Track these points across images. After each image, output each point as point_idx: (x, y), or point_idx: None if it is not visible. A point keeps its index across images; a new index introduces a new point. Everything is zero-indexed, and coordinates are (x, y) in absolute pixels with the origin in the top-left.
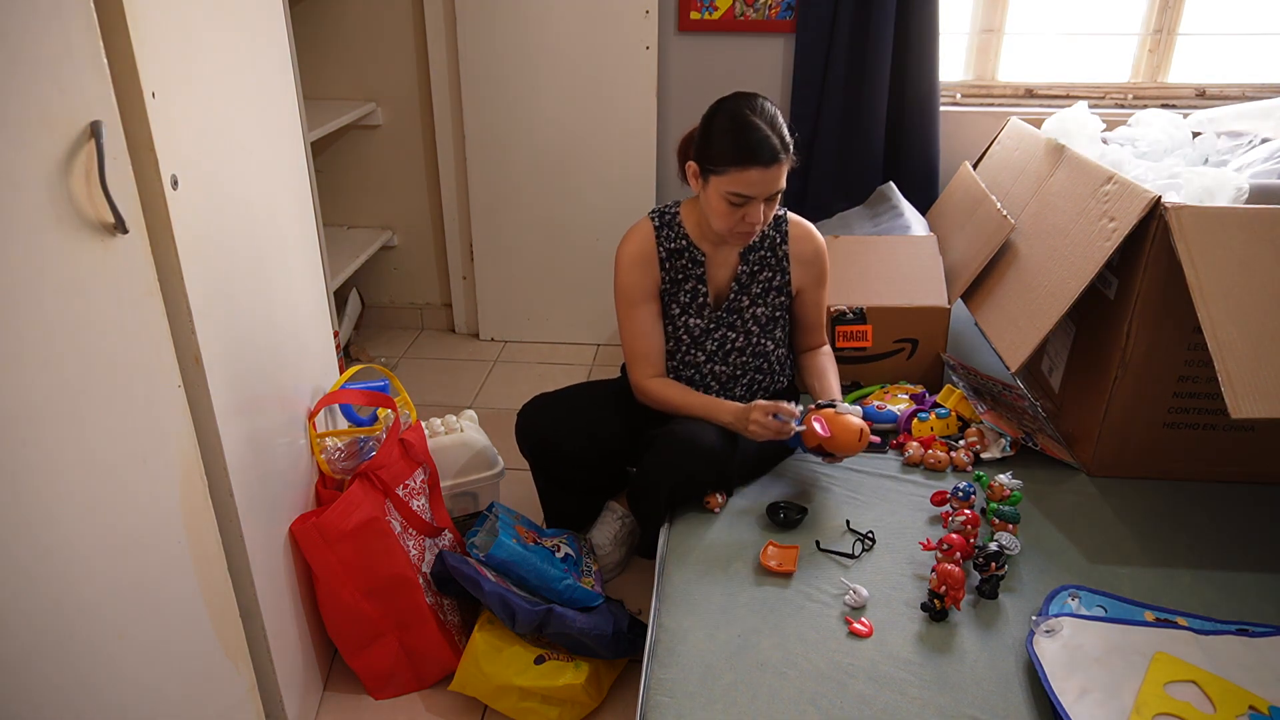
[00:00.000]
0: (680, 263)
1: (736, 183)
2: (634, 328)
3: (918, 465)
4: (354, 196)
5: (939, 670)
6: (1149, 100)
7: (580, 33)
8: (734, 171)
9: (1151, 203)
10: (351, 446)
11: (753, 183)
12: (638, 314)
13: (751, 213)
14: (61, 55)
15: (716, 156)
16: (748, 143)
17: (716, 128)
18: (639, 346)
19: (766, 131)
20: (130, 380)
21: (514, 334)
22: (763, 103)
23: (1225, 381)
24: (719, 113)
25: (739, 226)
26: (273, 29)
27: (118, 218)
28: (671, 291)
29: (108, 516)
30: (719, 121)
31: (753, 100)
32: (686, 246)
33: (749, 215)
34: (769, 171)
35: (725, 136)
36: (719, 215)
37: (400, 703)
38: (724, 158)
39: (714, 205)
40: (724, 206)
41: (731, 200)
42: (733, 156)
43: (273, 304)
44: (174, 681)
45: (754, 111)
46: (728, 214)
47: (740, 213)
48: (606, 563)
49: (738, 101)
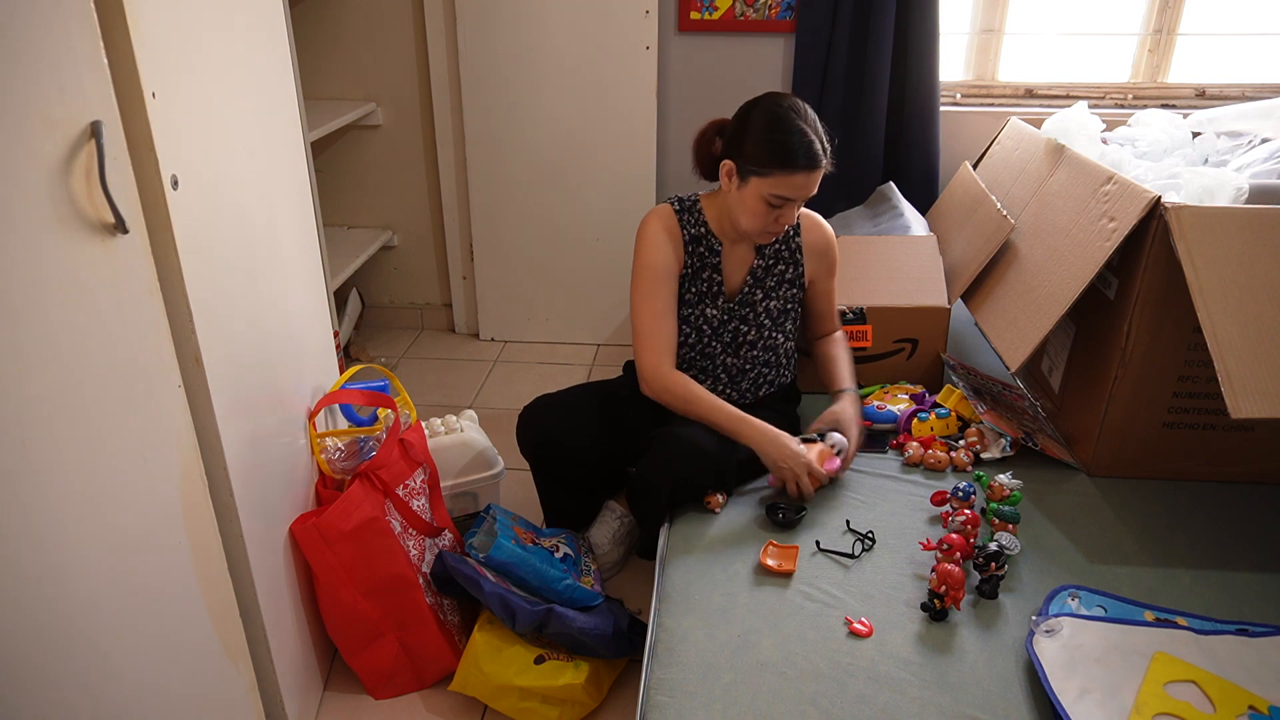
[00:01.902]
0: (700, 250)
1: (781, 185)
2: (654, 307)
3: (918, 465)
4: (354, 196)
5: (939, 670)
6: (1149, 100)
7: (580, 33)
8: (780, 174)
9: (1151, 203)
10: (351, 446)
11: (798, 186)
12: (660, 292)
13: (787, 214)
14: (61, 55)
15: (762, 158)
16: (795, 146)
17: (759, 128)
18: (657, 328)
19: (812, 136)
20: (130, 380)
21: (514, 334)
22: (804, 106)
23: (1225, 381)
24: (760, 112)
25: (770, 227)
26: (273, 29)
27: (118, 218)
28: (690, 277)
29: (108, 516)
30: (762, 122)
31: (794, 103)
32: (705, 234)
33: (783, 217)
34: (814, 175)
35: (771, 139)
36: (754, 215)
37: (400, 703)
38: (770, 160)
39: (750, 205)
40: (762, 207)
41: (771, 202)
42: (780, 159)
43: (273, 304)
44: (174, 681)
45: (798, 114)
46: (764, 214)
47: (776, 214)
48: (605, 562)
49: (779, 102)
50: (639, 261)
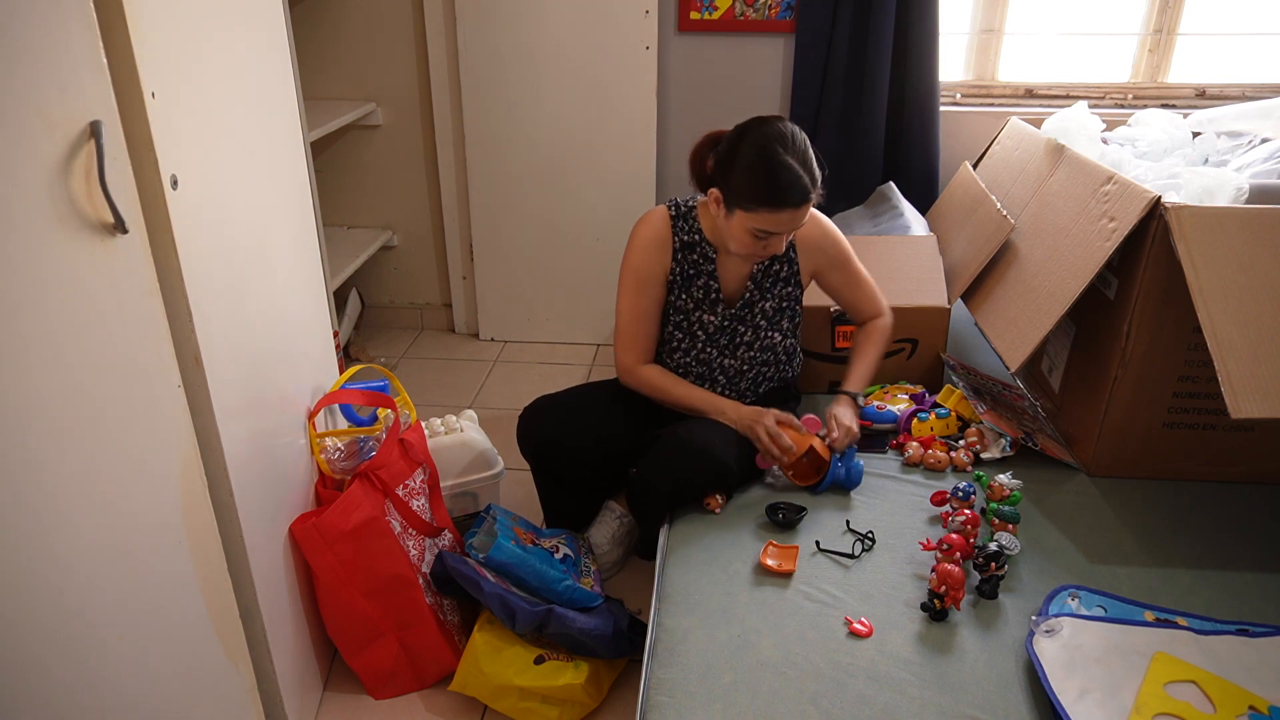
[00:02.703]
0: (693, 257)
1: (766, 221)
2: (635, 309)
3: (918, 465)
4: (354, 196)
5: (939, 670)
6: (1149, 100)
7: (580, 33)
8: (764, 212)
9: (1151, 203)
10: (351, 446)
11: (783, 223)
12: (642, 296)
13: (774, 244)
14: (61, 55)
15: (746, 194)
16: (779, 185)
17: (745, 163)
18: (636, 329)
19: (799, 172)
20: (130, 380)
21: (514, 334)
22: (794, 134)
23: (1225, 381)
24: (748, 145)
25: (758, 253)
26: (273, 29)
27: (118, 218)
28: (683, 284)
29: (108, 516)
30: (750, 156)
31: (784, 133)
32: (699, 242)
33: (771, 246)
34: (800, 211)
35: (756, 175)
36: (740, 244)
37: (400, 703)
38: (754, 198)
39: (736, 234)
40: (748, 239)
41: (756, 235)
42: (764, 198)
43: (273, 304)
44: (174, 681)
45: (785, 149)
46: (750, 245)
47: (763, 244)
48: (604, 562)
49: (768, 136)
50: (624, 265)
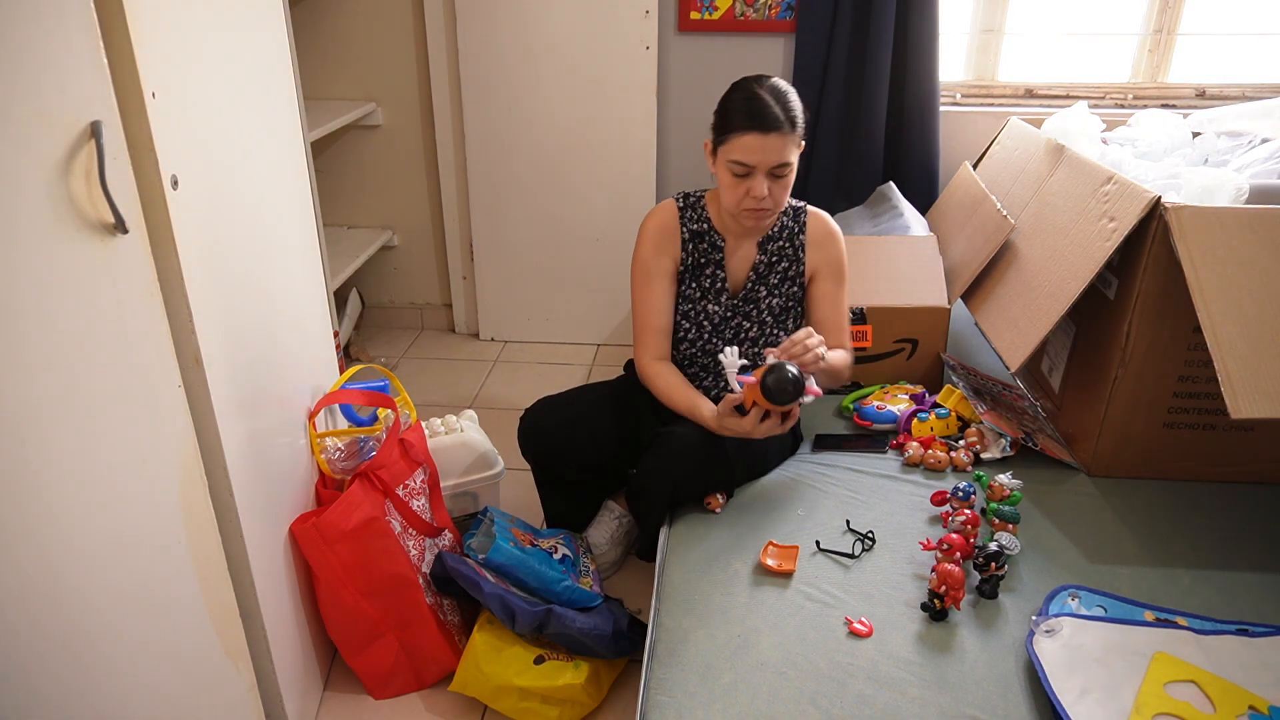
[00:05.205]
0: (701, 246)
1: (736, 149)
2: (648, 302)
3: (918, 465)
4: (354, 196)
5: (939, 670)
6: (1149, 100)
7: (580, 33)
8: (734, 137)
9: (1151, 203)
10: (351, 446)
11: (751, 149)
12: (653, 289)
13: (755, 186)
14: (61, 55)
15: (721, 125)
16: (748, 109)
17: (724, 99)
18: (650, 322)
19: (769, 100)
20: (130, 380)
21: (514, 334)
22: (775, 80)
23: (1225, 381)
24: (730, 88)
25: (745, 202)
26: (273, 29)
27: (118, 218)
28: (692, 273)
29: (108, 516)
30: (729, 94)
31: (764, 78)
32: (708, 231)
33: (753, 189)
34: (768, 139)
35: (730, 104)
36: (726, 188)
37: (400, 703)
38: (727, 125)
39: (721, 178)
40: (729, 178)
41: (735, 170)
42: (734, 123)
43: (273, 304)
44: (173, 681)
45: (759, 83)
46: (733, 186)
47: (745, 185)
48: (603, 562)
49: (749, 78)
50: (634, 259)
